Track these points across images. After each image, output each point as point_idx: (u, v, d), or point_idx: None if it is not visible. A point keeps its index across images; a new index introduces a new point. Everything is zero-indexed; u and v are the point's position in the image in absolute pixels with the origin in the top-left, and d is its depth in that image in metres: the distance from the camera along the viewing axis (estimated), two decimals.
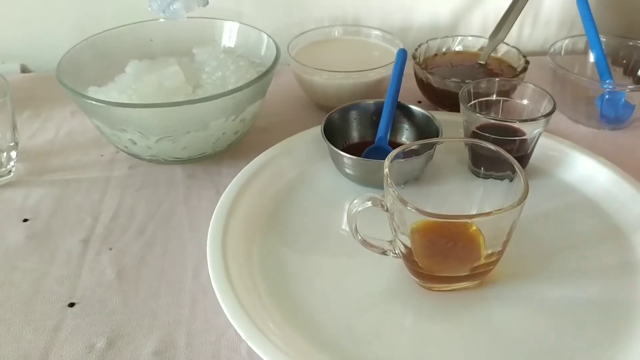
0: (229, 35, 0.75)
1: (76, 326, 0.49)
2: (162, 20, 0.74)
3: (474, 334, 0.47)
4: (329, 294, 0.51)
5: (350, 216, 0.49)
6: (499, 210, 0.44)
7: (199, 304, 0.51)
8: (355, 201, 0.48)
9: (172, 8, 0.59)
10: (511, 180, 0.49)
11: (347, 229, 0.57)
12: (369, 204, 0.48)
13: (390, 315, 0.49)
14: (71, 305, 0.51)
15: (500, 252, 0.48)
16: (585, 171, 0.62)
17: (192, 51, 0.73)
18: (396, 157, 0.50)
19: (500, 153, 0.50)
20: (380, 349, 0.46)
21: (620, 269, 0.53)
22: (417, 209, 0.44)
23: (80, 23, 0.89)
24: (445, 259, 0.49)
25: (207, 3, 0.63)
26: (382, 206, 0.48)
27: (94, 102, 0.58)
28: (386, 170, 0.48)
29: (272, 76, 0.64)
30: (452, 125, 0.67)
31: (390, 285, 0.52)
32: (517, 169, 0.48)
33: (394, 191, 0.46)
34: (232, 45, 0.75)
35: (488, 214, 0.44)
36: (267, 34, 0.70)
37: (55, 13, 0.89)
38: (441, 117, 0.65)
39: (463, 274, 0.49)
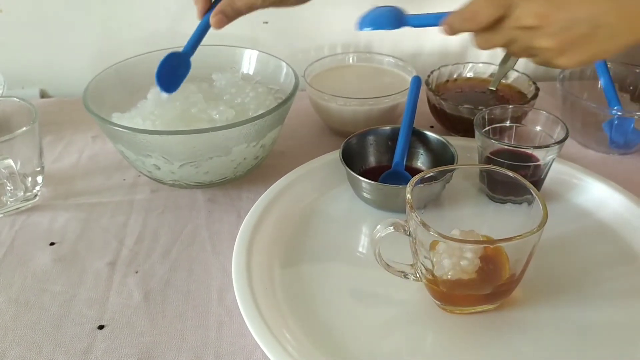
0: (248, 62, 0.77)
1: (106, 348, 0.50)
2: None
3: (492, 358, 0.48)
4: (351, 316, 0.52)
5: (374, 241, 0.50)
6: (520, 235, 0.45)
7: (225, 326, 0.52)
8: (378, 227, 0.50)
9: None
10: (529, 204, 0.51)
11: (366, 251, 0.59)
12: (392, 229, 0.50)
13: (411, 338, 0.50)
14: (100, 327, 0.52)
15: (520, 275, 0.49)
16: (598, 196, 0.64)
17: (212, 77, 0.75)
18: (417, 182, 0.52)
19: (518, 179, 0.52)
20: None
21: (637, 292, 0.54)
22: (440, 234, 0.46)
23: (98, 50, 0.92)
24: (466, 281, 0.50)
25: None
26: (405, 231, 0.50)
27: (121, 129, 0.60)
28: (408, 195, 0.49)
29: (292, 103, 0.66)
30: (466, 150, 0.69)
31: (411, 308, 0.53)
32: (535, 195, 0.50)
33: (416, 216, 0.47)
34: (250, 72, 0.77)
35: (510, 239, 0.45)
36: (286, 63, 0.72)
37: (74, 40, 0.92)
38: (455, 142, 0.67)
39: (483, 293, 0.50)
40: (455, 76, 0.84)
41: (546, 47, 0.50)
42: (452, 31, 0.52)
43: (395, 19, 0.56)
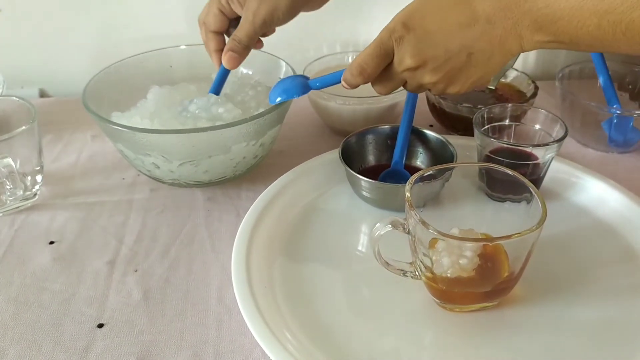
0: (248, 61, 0.76)
1: (106, 347, 0.50)
2: (182, 47, 0.77)
3: (492, 356, 0.48)
4: (350, 314, 0.52)
5: (373, 239, 0.50)
6: (519, 233, 0.45)
7: (225, 324, 0.52)
8: (378, 225, 0.50)
9: None
10: (528, 202, 0.51)
11: (365, 250, 0.59)
12: (390, 227, 0.50)
13: (410, 336, 0.50)
14: (100, 326, 0.52)
15: (519, 273, 0.49)
16: (597, 194, 0.64)
17: (212, 76, 0.74)
18: (416, 181, 0.52)
19: (517, 177, 0.52)
20: None
21: (636, 290, 0.54)
22: (439, 232, 0.46)
23: (97, 49, 0.92)
24: (465, 279, 0.50)
25: None
26: (404, 229, 0.50)
27: (120, 128, 0.60)
28: (407, 194, 0.49)
29: (291, 102, 0.66)
30: (465, 149, 0.69)
31: (410, 306, 0.53)
32: (534, 193, 0.50)
33: (416, 214, 0.47)
34: (250, 71, 0.77)
35: (509, 237, 0.45)
36: (285, 62, 0.72)
37: (73, 39, 0.92)
38: (454, 140, 0.67)
39: (482, 291, 0.50)
40: None
41: (434, 81, 0.53)
42: (350, 86, 0.56)
43: (301, 86, 0.61)
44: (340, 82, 0.57)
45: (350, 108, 0.75)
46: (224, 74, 0.68)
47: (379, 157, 0.70)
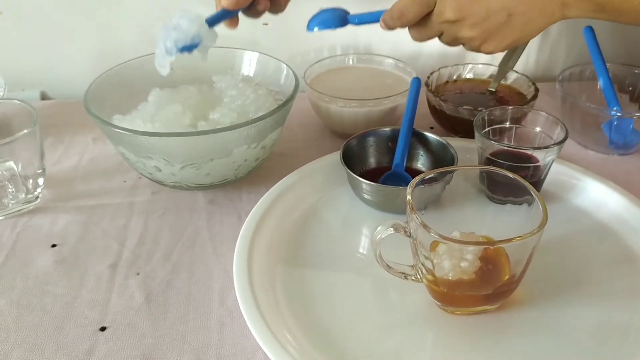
0: (249, 64, 0.77)
1: (108, 350, 0.50)
2: None
3: (493, 358, 0.49)
4: (351, 316, 0.52)
5: (374, 243, 0.50)
6: (521, 236, 0.45)
7: (227, 327, 0.52)
8: (379, 228, 0.50)
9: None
10: (529, 205, 0.51)
11: (366, 252, 0.59)
12: (392, 230, 0.50)
13: (411, 339, 0.50)
14: (102, 329, 0.52)
15: (521, 276, 0.49)
16: (597, 196, 0.64)
17: (212, 79, 0.75)
18: (417, 184, 0.52)
19: (518, 180, 0.52)
20: None
21: (636, 292, 0.54)
22: (441, 235, 0.46)
23: (98, 52, 0.92)
24: (466, 281, 0.50)
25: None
26: (405, 232, 0.50)
27: (122, 131, 0.60)
28: (409, 197, 0.50)
29: (292, 104, 0.66)
30: (466, 151, 0.69)
31: (411, 309, 0.53)
32: (534, 196, 0.50)
33: (417, 217, 0.47)
34: (251, 74, 0.77)
35: (510, 240, 0.45)
36: (286, 64, 0.73)
37: (74, 41, 0.92)
38: (455, 143, 0.67)
39: (483, 294, 0.50)
40: (454, 77, 0.84)
41: (470, 36, 0.55)
42: (388, 28, 0.59)
43: (339, 18, 0.63)
44: (378, 21, 0.59)
45: (351, 110, 0.76)
46: (224, 14, 0.63)
47: (380, 160, 0.70)
